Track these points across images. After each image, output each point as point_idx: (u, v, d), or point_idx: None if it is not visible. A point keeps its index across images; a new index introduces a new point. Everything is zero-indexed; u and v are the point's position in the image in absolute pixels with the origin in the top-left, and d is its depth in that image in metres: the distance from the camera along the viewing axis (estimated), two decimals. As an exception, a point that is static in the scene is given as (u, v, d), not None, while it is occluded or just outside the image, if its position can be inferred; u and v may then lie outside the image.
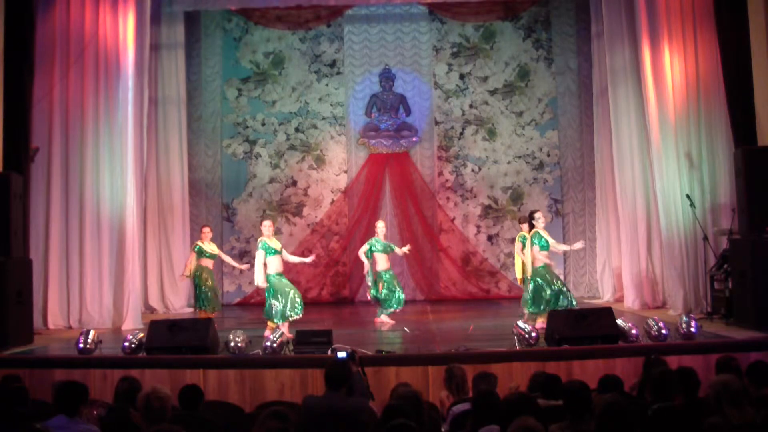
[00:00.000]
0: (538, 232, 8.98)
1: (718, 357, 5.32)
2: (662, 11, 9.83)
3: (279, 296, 8.76)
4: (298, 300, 8.82)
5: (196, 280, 9.96)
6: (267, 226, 9.09)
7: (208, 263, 10.05)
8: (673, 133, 9.78)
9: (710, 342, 7.34)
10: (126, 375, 5.29)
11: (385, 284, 10.03)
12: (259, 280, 8.90)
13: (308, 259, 9.69)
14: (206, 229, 10.29)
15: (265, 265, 8.88)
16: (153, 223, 12.23)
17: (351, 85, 13.67)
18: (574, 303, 8.77)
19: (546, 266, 8.95)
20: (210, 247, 10.14)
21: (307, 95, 13.68)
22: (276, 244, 9.05)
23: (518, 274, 10.19)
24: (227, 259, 10.57)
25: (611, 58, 11.05)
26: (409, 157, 13.59)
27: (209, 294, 9.93)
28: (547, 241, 8.98)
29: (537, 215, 9.12)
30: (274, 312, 8.75)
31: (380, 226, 10.37)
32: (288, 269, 9.70)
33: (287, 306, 8.72)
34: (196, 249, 10.07)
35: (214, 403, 5.70)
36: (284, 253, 9.19)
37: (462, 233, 13.52)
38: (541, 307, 8.78)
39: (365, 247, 10.20)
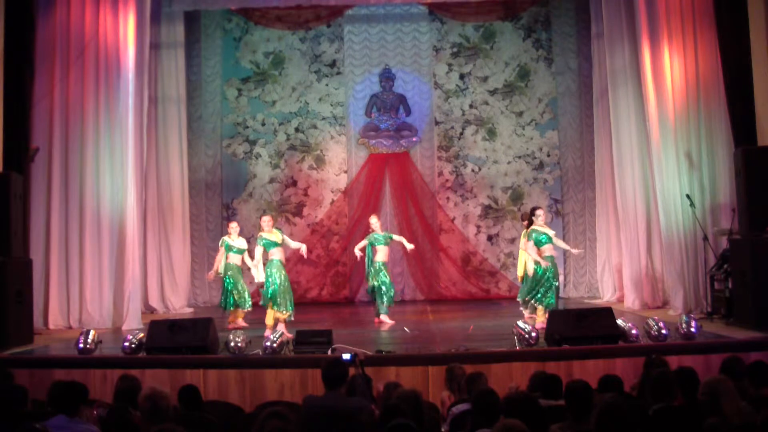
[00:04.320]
0: (534, 229, 9.03)
1: (724, 357, 5.32)
2: (662, 11, 9.83)
3: (268, 280, 8.91)
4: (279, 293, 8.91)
5: (226, 279, 9.91)
6: (266, 221, 9.22)
7: (235, 259, 9.97)
8: (673, 133, 9.78)
9: (710, 342, 7.34)
10: (126, 374, 5.27)
11: (381, 274, 10.05)
12: (260, 277, 9.03)
13: (302, 248, 9.48)
14: (233, 224, 10.21)
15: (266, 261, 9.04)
16: (153, 223, 12.21)
17: (351, 85, 13.67)
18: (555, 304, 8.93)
19: (546, 259, 8.99)
20: (238, 243, 10.04)
21: (307, 95, 13.69)
22: (274, 236, 9.11)
23: (519, 272, 10.25)
24: (249, 262, 9.78)
25: (611, 58, 11.06)
26: (409, 157, 13.59)
27: (235, 294, 9.85)
28: (546, 235, 9.00)
29: (538, 212, 9.21)
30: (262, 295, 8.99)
31: (374, 221, 10.38)
32: (288, 269, 9.72)
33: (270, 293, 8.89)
34: (224, 245, 9.99)
35: (214, 403, 5.70)
36: (287, 239, 9.31)
37: (462, 233, 13.52)
38: (529, 295, 8.90)
39: (363, 243, 10.23)
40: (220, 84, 13.62)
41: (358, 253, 10.28)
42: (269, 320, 8.91)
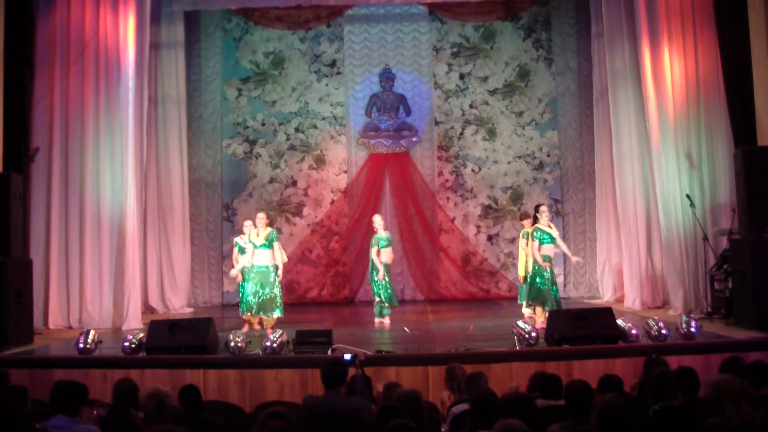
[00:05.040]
0: (538, 227, 9.00)
1: (726, 357, 5.32)
2: (662, 11, 9.84)
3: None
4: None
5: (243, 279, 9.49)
6: (260, 218, 9.37)
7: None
8: (673, 133, 9.78)
9: (710, 342, 7.35)
10: (123, 377, 5.27)
11: (387, 276, 10.02)
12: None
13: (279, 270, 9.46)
14: (247, 223, 9.72)
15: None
16: (153, 223, 12.21)
17: (351, 85, 13.66)
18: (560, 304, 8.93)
19: (545, 260, 8.97)
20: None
21: (307, 95, 13.68)
22: (256, 238, 9.30)
23: (521, 272, 10.24)
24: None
25: (611, 58, 11.06)
26: (409, 157, 13.59)
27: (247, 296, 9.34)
28: (550, 235, 8.97)
29: (542, 209, 9.18)
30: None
31: (377, 220, 10.28)
32: (288, 269, 9.73)
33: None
34: (236, 246, 9.69)
35: (214, 403, 5.70)
36: (276, 246, 9.42)
37: (462, 233, 13.52)
38: (533, 296, 8.91)
39: (374, 249, 10.04)
40: (220, 84, 13.62)
41: (377, 262, 9.96)
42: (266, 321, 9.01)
